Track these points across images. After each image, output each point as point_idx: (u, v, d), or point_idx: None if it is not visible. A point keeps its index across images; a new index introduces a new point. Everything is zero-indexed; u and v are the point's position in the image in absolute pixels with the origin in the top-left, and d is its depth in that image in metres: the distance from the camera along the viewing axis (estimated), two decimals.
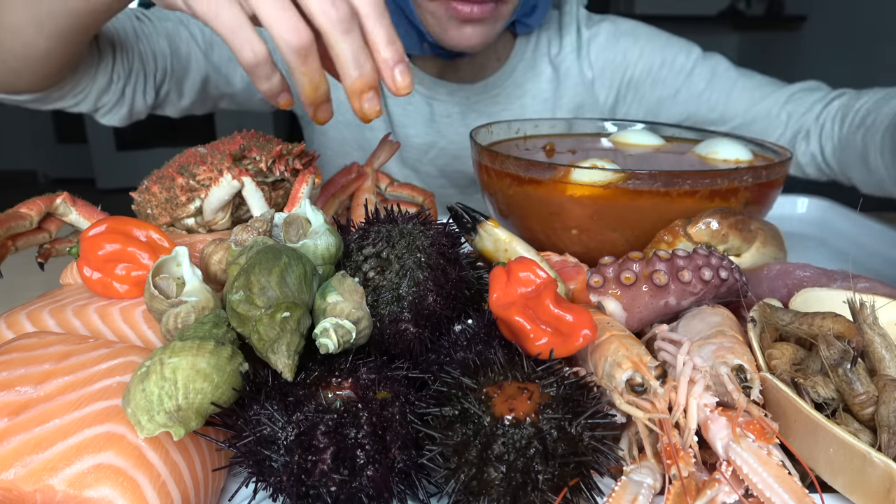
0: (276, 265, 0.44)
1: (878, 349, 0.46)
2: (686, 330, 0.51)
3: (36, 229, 0.64)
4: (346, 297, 0.45)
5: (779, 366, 0.46)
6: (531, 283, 0.46)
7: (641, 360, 0.44)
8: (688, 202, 0.64)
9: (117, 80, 0.91)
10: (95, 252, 0.52)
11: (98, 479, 0.37)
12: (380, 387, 0.41)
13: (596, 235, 0.68)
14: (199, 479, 0.41)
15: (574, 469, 0.38)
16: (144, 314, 0.51)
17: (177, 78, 1.00)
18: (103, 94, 0.91)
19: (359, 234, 0.51)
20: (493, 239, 0.61)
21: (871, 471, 0.38)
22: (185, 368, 0.39)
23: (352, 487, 0.38)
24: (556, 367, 0.43)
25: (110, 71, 0.90)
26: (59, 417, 0.39)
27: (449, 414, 0.40)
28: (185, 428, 0.38)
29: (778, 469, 0.39)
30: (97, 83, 0.89)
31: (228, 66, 1.04)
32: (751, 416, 0.42)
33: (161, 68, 0.97)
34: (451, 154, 1.12)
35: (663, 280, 0.52)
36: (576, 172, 0.66)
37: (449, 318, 0.49)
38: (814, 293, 0.55)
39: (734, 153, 0.78)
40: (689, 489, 0.39)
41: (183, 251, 0.49)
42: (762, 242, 0.65)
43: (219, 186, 0.63)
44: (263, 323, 0.41)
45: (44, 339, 0.47)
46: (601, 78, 1.12)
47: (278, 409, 0.39)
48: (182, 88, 1.02)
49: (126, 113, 0.96)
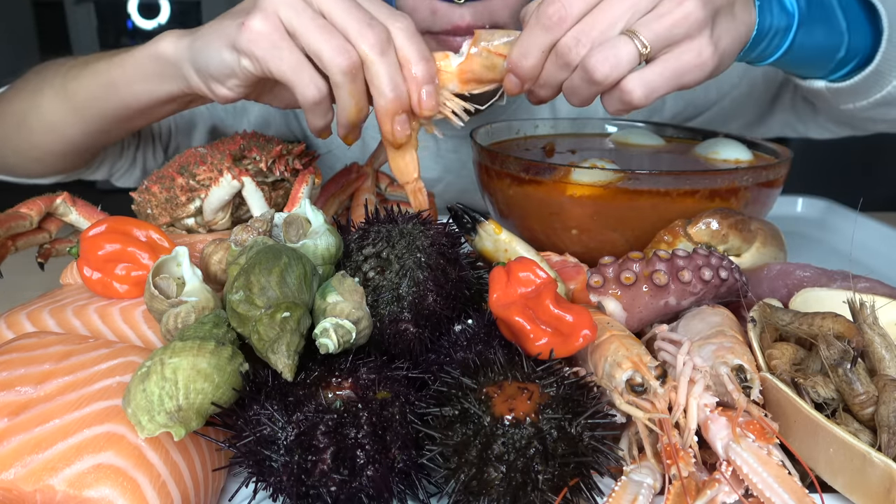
0: (276, 265, 0.44)
1: (878, 349, 0.46)
2: (686, 330, 0.51)
3: (36, 229, 0.64)
4: (346, 297, 0.45)
5: (779, 366, 0.46)
6: (531, 283, 0.46)
7: (641, 360, 0.44)
8: (688, 202, 0.64)
9: (127, 147, 0.94)
10: (95, 252, 0.52)
11: (98, 479, 0.37)
12: (380, 387, 0.41)
13: (596, 235, 0.68)
14: (199, 479, 0.41)
15: (574, 469, 0.38)
16: (144, 314, 0.51)
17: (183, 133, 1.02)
18: (116, 161, 0.94)
19: (359, 234, 0.51)
20: (493, 239, 0.61)
21: (871, 471, 0.38)
22: (185, 369, 0.39)
23: (352, 487, 0.38)
24: (556, 367, 0.43)
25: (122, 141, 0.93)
26: (59, 417, 0.39)
27: (449, 414, 0.40)
28: (185, 428, 0.38)
29: (778, 469, 0.39)
30: (109, 153, 0.92)
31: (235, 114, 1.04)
32: (751, 416, 0.42)
33: (166, 128, 1.00)
34: (458, 188, 1.11)
35: (663, 280, 0.52)
36: (576, 172, 0.66)
37: (449, 318, 0.49)
38: (814, 293, 0.55)
39: (734, 153, 0.78)
40: (689, 489, 0.39)
41: (183, 251, 0.49)
42: (762, 242, 0.65)
43: (219, 186, 0.63)
44: (263, 323, 0.41)
45: (44, 339, 0.47)
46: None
47: (278, 409, 0.39)
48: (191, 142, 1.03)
49: (140, 174, 0.99)
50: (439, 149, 1.09)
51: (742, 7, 0.59)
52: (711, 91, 1.06)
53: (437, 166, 1.10)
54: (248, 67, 0.55)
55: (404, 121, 0.55)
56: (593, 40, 0.54)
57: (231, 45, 0.55)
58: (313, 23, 0.52)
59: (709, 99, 1.07)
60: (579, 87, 0.56)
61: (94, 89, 0.70)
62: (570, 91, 0.58)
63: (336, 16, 0.53)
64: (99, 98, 0.70)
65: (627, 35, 0.53)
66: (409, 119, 0.56)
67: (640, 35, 0.53)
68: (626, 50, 0.53)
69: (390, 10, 0.55)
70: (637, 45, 0.53)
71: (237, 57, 0.55)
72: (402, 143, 0.56)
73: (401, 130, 0.55)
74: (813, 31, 0.67)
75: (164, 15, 3.42)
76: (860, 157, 2.35)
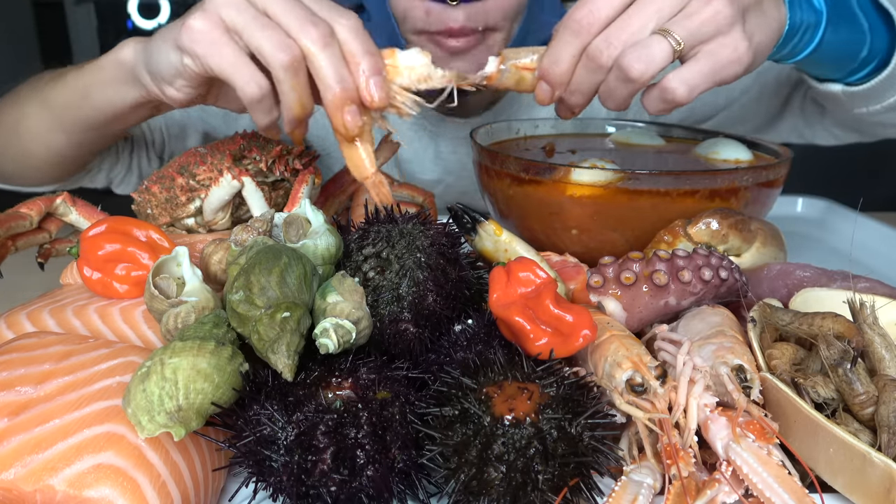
0: (276, 265, 0.44)
1: (878, 349, 0.46)
2: (686, 330, 0.51)
3: (36, 229, 0.64)
4: (346, 297, 0.45)
5: (779, 366, 0.46)
6: (531, 283, 0.46)
7: (641, 360, 0.44)
8: (688, 202, 0.64)
9: (122, 154, 0.96)
10: (95, 252, 0.52)
11: (98, 479, 0.37)
12: (380, 387, 0.41)
13: (596, 235, 0.68)
14: (199, 479, 0.41)
15: (574, 469, 0.38)
16: (144, 314, 0.51)
17: (176, 139, 1.03)
18: (112, 168, 0.95)
19: (359, 234, 0.51)
20: (493, 239, 0.61)
21: (871, 471, 0.38)
22: (185, 369, 0.39)
23: (352, 487, 0.38)
24: (556, 367, 0.43)
25: (116, 148, 0.94)
26: (59, 417, 0.39)
27: (449, 414, 0.40)
28: (185, 428, 0.38)
29: (778, 469, 0.39)
30: (105, 161, 0.93)
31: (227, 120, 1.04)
32: (751, 416, 0.42)
33: (159, 135, 1.01)
34: (458, 190, 1.10)
35: (663, 280, 0.52)
36: (576, 172, 0.66)
37: (449, 318, 0.49)
38: (814, 293, 0.55)
39: (734, 153, 0.77)
40: (689, 489, 0.39)
41: (183, 251, 0.49)
42: (762, 242, 0.65)
43: (219, 186, 0.63)
44: (263, 323, 0.41)
45: (44, 339, 0.47)
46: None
47: (278, 409, 0.39)
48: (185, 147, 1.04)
49: (137, 180, 1.00)
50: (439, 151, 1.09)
51: (771, 4, 0.60)
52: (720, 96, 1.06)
53: (436, 168, 1.10)
54: (191, 66, 0.55)
55: (354, 111, 0.54)
56: (625, 42, 0.55)
57: (175, 45, 0.56)
58: (255, 21, 0.53)
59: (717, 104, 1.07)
60: (615, 88, 0.57)
61: (68, 97, 0.72)
62: (607, 94, 0.58)
63: (278, 13, 0.53)
64: (73, 106, 0.72)
65: (660, 34, 0.54)
66: (360, 111, 0.55)
67: (672, 33, 0.54)
68: (660, 48, 0.54)
69: (335, 8, 0.55)
70: (670, 42, 0.54)
71: (180, 56, 0.55)
72: (354, 135, 0.55)
73: (351, 121, 0.54)
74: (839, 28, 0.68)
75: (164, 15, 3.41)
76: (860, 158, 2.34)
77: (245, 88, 0.54)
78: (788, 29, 0.62)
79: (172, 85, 0.59)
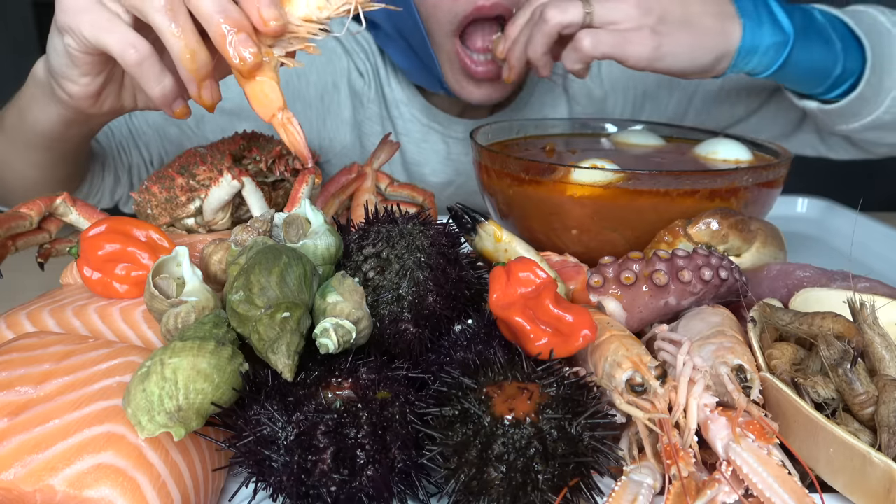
0: (276, 265, 0.44)
1: (878, 349, 0.46)
2: (686, 330, 0.51)
3: (36, 229, 0.64)
4: (346, 297, 0.45)
5: (779, 366, 0.46)
6: (531, 283, 0.46)
7: (641, 360, 0.44)
8: (688, 202, 0.64)
9: (123, 174, 0.98)
10: (95, 252, 0.52)
11: (98, 479, 0.37)
12: (380, 387, 0.41)
13: (596, 235, 0.68)
14: (199, 479, 0.41)
15: (574, 469, 0.38)
16: (144, 314, 0.51)
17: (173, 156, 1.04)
18: (115, 189, 0.98)
19: (359, 234, 0.51)
20: (493, 239, 0.61)
21: (871, 471, 0.38)
22: (185, 369, 0.39)
23: (352, 487, 0.38)
24: (556, 367, 0.43)
25: (114, 169, 0.96)
26: (59, 417, 0.39)
27: (449, 414, 0.40)
28: (185, 428, 0.38)
29: (778, 469, 0.39)
30: (106, 182, 0.95)
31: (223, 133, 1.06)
32: (751, 416, 0.42)
33: (157, 155, 1.03)
34: (469, 190, 1.10)
35: (663, 280, 0.52)
36: (576, 172, 0.66)
37: (449, 318, 0.49)
38: (814, 293, 0.55)
39: (734, 153, 0.78)
40: (689, 489, 0.39)
41: (183, 251, 0.49)
42: (762, 242, 0.65)
43: (219, 186, 0.63)
44: (263, 323, 0.41)
45: (44, 339, 0.47)
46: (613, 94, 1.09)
47: (278, 409, 0.39)
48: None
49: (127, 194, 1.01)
50: (450, 152, 1.09)
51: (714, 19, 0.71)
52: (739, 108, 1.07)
53: (447, 169, 1.10)
54: (72, 44, 0.54)
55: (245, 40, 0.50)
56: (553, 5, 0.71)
57: (56, 29, 0.55)
58: None
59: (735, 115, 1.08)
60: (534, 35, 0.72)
61: (13, 119, 0.73)
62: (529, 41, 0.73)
63: None
64: (17, 127, 0.72)
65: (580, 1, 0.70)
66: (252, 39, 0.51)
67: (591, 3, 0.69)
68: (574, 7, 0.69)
69: None
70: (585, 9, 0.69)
71: (62, 39, 0.54)
72: (252, 69, 0.51)
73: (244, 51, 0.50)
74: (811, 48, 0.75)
75: None
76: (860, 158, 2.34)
77: (123, 54, 0.51)
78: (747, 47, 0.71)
79: (68, 78, 0.58)
